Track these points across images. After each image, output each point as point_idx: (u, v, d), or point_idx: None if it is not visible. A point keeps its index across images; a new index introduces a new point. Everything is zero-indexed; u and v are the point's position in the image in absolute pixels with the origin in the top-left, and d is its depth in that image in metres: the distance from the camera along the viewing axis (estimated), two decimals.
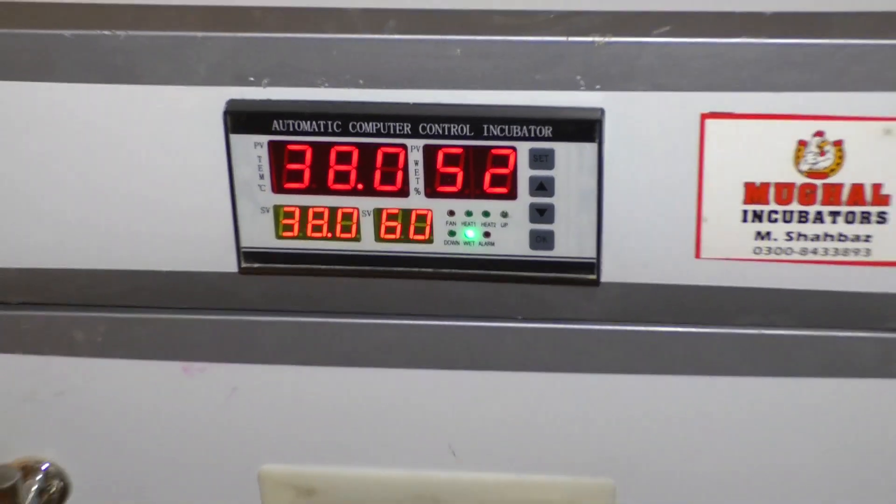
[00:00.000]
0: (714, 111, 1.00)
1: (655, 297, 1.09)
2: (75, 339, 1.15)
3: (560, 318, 1.12)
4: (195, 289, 1.12)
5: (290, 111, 1.02)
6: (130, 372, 1.17)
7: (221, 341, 1.16)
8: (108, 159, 1.07)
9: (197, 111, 1.04)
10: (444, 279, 1.09)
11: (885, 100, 0.98)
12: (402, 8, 1.02)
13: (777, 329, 1.10)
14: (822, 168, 1.02)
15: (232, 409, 1.19)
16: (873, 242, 1.04)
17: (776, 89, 0.99)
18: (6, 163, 1.08)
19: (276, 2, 1.04)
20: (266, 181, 1.05)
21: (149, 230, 1.10)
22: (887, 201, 1.02)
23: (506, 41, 1.00)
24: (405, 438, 1.19)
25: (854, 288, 1.07)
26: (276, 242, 1.07)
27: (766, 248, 1.06)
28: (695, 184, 1.03)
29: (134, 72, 1.02)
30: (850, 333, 1.10)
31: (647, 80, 0.99)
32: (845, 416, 1.14)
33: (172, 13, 1.03)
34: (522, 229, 1.05)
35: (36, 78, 1.03)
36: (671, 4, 1.01)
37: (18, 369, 1.18)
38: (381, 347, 1.15)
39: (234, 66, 1.02)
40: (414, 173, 1.04)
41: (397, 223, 1.06)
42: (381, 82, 1.02)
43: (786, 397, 1.14)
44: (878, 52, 0.97)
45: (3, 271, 1.13)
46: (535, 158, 1.02)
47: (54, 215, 1.10)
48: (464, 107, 1.02)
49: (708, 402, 1.15)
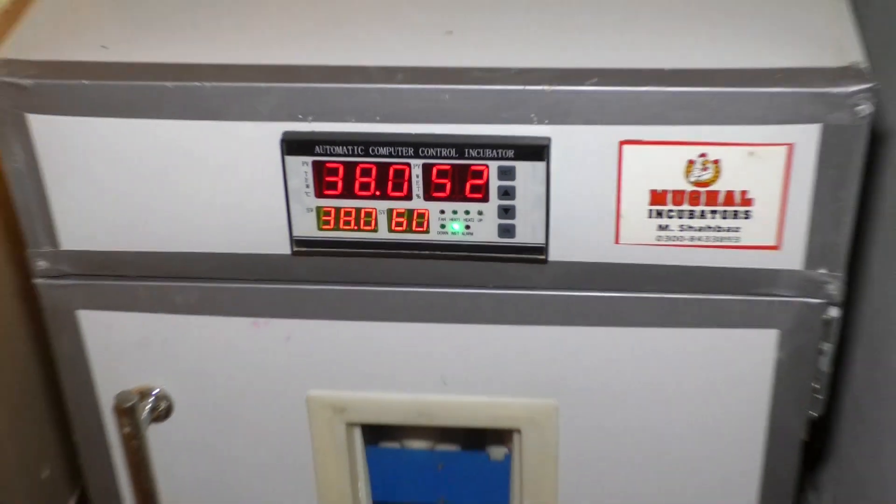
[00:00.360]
0: (629, 139, 1.01)
1: (586, 271, 1.10)
2: (176, 302, 1.16)
3: (519, 286, 1.12)
4: (261, 266, 1.13)
5: (327, 140, 1.03)
6: (215, 325, 1.17)
7: (279, 303, 1.15)
8: (202, 174, 1.08)
9: (262, 140, 1.04)
10: (438, 259, 1.10)
11: (750, 131, 1.00)
12: (407, 66, 1.03)
13: (672, 294, 1.11)
14: (705, 179, 1.03)
15: (287, 352, 1.18)
16: (741, 232, 1.05)
17: (672, 123, 1.00)
18: (130, 177, 1.08)
19: (318, 60, 1.05)
20: (310, 189, 1.06)
21: (229, 224, 1.10)
22: (751, 203, 1.04)
23: (481, 89, 1.01)
24: (409, 371, 1.19)
25: (727, 264, 1.08)
26: (318, 233, 1.08)
27: (665, 236, 1.06)
28: (614, 190, 1.04)
29: (218, 112, 1.03)
30: (724, 297, 1.10)
31: (581, 117, 1.01)
32: (719, 354, 1.14)
33: (244, 70, 1.04)
34: (493, 223, 1.06)
35: (149, 116, 1.04)
36: (598, 62, 1.02)
37: (136, 324, 1.18)
38: (392, 307, 1.15)
39: (288, 108, 1.03)
40: (416, 184, 1.04)
41: (404, 219, 1.07)
42: (392, 118, 1.02)
43: (677, 341, 1.14)
44: (743, 97, 0.99)
45: (126, 253, 1.13)
46: (502, 173, 1.03)
47: (164, 214, 1.10)
48: (451, 136, 1.03)
49: (623, 346, 1.15)
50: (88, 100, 1.04)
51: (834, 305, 1.09)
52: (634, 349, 1.15)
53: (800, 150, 1.01)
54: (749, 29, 1.07)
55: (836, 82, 0.98)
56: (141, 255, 1.13)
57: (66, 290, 1.16)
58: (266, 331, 1.17)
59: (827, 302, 1.09)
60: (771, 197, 1.03)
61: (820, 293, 1.09)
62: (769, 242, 1.06)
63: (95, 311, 1.18)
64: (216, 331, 1.18)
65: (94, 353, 1.20)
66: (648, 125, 1.01)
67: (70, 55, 1.07)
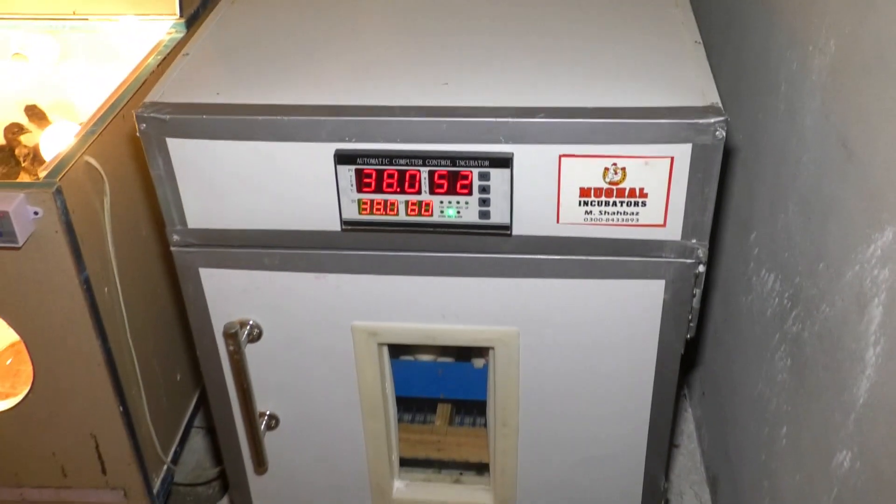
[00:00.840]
0: (566, 153, 1.02)
1: (537, 241, 1.09)
2: (265, 262, 1.15)
3: (493, 252, 1.11)
4: (321, 238, 1.12)
5: (364, 154, 1.04)
6: (291, 278, 1.16)
7: (333, 263, 1.15)
8: (282, 178, 1.08)
9: (322, 154, 1.05)
10: (438, 234, 1.10)
11: (646, 148, 1.00)
12: (418, 105, 1.03)
13: (595, 256, 1.10)
14: (616, 180, 1.03)
15: (339, 295, 1.18)
16: (640, 215, 1.06)
17: (594, 143, 1.01)
18: (235, 180, 1.08)
19: (359, 102, 1.05)
20: (354, 187, 1.06)
21: (299, 210, 1.10)
22: (646, 196, 1.04)
23: (467, 121, 1.02)
24: (420, 308, 1.18)
25: (631, 237, 1.08)
26: (359, 216, 1.08)
27: (590, 217, 1.06)
28: (556, 188, 1.05)
29: (292, 136, 1.04)
30: (629, 258, 1.10)
31: (533, 139, 1.01)
32: (626, 297, 1.14)
33: (310, 108, 1.04)
34: (475, 210, 1.06)
35: (247, 139, 1.05)
36: (544, 102, 1.02)
37: (238, 277, 1.17)
38: (409, 265, 1.14)
39: (339, 133, 1.03)
40: (424, 183, 1.05)
41: (416, 207, 1.07)
42: (408, 140, 1.03)
43: (598, 289, 1.13)
44: (641, 126, 0.99)
45: (232, 230, 1.13)
46: (481, 176, 1.04)
47: (257, 204, 1.10)
48: (447, 151, 1.03)
49: (562, 291, 1.14)
50: (207, 128, 1.05)
51: (701, 264, 1.10)
52: (570, 293, 1.15)
53: (678, 161, 1.02)
54: (644, 79, 1.08)
55: (702, 116, 0.99)
56: (242, 231, 1.13)
57: (191, 255, 1.16)
58: (324, 282, 1.17)
59: (696, 261, 1.10)
60: (660, 192, 1.04)
61: (692, 256, 1.09)
62: (658, 222, 1.07)
63: (211, 269, 1.17)
64: (291, 282, 1.17)
65: (209, 296, 1.20)
66: (578, 144, 1.02)
67: (194, 99, 1.08)
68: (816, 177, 1.09)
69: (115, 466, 1.45)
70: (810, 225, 1.11)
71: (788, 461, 1.18)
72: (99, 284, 1.30)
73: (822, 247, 1.06)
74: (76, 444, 1.42)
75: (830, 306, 1.02)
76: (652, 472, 1.31)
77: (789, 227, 1.19)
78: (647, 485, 1.33)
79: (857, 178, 0.95)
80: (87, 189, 1.27)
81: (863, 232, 0.93)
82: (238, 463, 1.38)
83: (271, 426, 1.33)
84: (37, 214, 1.18)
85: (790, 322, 1.18)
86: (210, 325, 1.23)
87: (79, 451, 1.43)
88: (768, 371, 1.28)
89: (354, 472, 1.38)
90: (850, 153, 0.97)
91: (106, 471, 1.46)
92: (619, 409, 1.25)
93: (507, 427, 1.29)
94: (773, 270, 1.26)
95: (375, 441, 1.33)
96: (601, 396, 1.25)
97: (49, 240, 1.20)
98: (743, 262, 1.44)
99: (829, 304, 1.03)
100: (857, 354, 0.93)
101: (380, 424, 1.32)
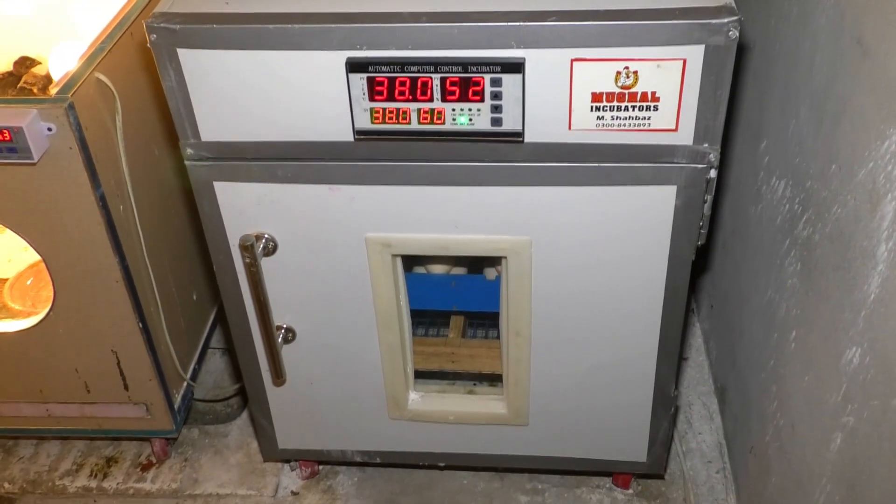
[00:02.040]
0: (577, 57, 1.01)
1: (549, 148, 1.09)
2: (279, 175, 1.15)
3: (505, 160, 1.11)
4: (334, 149, 1.12)
5: (376, 62, 1.03)
6: (305, 190, 1.16)
7: (346, 175, 1.15)
8: (294, 88, 1.07)
9: (333, 63, 1.04)
10: (451, 142, 1.09)
11: (658, 50, 1.00)
12: (429, 11, 1.02)
13: (607, 163, 1.10)
14: (628, 84, 1.03)
15: (353, 207, 1.18)
16: (651, 120, 1.05)
17: (606, 46, 1.00)
18: (246, 91, 1.07)
19: (369, 9, 1.03)
20: (366, 95, 1.05)
21: (312, 121, 1.10)
22: (658, 100, 1.04)
23: (478, 26, 1.01)
24: (433, 218, 1.19)
25: (642, 142, 1.07)
26: (371, 126, 1.07)
27: (602, 123, 1.06)
28: (567, 93, 1.04)
29: (303, 44, 1.03)
30: (640, 164, 1.10)
31: (545, 43, 1.01)
32: (638, 203, 1.13)
33: (321, 16, 1.03)
34: (487, 117, 1.06)
35: (258, 48, 1.04)
36: (555, 6, 1.01)
37: (252, 190, 1.17)
38: (422, 175, 1.14)
39: (350, 41, 1.02)
40: (436, 91, 1.04)
41: (428, 115, 1.06)
42: (419, 47, 1.02)
43: (611, 195, 1.13)
44: (654, 27, 0.98)
45: (245, 143, 1.12)
46: (493, 82, 1.03)
47: (269, 116, 1.10)
48: (459, 58, 1.02)
49: (575, 199, 1.14)
50: (217, 38, 1.04)
51: (713, 168, 1.10)
52: (581, 201, 1.15)
53: (691, 63, 1.01)
54: None
55: (715, 16, 0.98)
56: (256, 143, 1.13)
57: (205, 168, 1.16)
58: (338, 193, 1.17)
59: (708, 166, 1.09)
60: (672, 95, 1.04)
61: (704, 160, 1.09)
62: (670, 127, 1.06)
63: (225, 182, 1.18)
64: (305, 194, 1.18)
65: (225, 210, 1.20)
66: (590, 48, 1.01)
67: (203, 9, 1.07)
68: (830, 78, 1.08)
69: (136, 382, 1.48)
70: (822, 127, 1.10)
71: (797, 364, 1.19)
72: (114, 202, 1.30)
73: (835, 148, 1.06)
74: (98, 360, 1.44)
75: (842, 207, 1.02)
76: (663, 378, 1.33)
77: (801, 132, 1.19)
78: (658, 391, 1.35)
79: (872, 74, 0.94)
80: (100, 106, 1.27)
81: (876, 129, 0.92)
82: (256, 376, 1.41)
83: (288, 339, 1.34)
84: (50, 131, 1.17)
85: (800, 227, 1.18)
86: (226, 240, 1.23)
87: (101, 368, 1.45)
88: (778, 278, 1.28)
89: (370, 385, 1.40)
90: (865, 50, 0.96)
91: (128, 386, 1.48)
92: (631, 316, 1.26)
93: (520, 337, 1.31)
94: (784, 177, 1.26)
95: (391, 353, 1.35)
96: (613, 304, 1.26)
97: (64, 156, 1.20)
98: (752, 172, 1.43)
99: (840, 204, 1.03)
100: (869, 252, 0.94)
101: (395, 337, 1.33)
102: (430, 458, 1.51)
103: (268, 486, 1.62)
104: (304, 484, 1.62)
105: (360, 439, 1.49)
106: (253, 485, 1.62)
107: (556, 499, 1.57)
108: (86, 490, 1.63)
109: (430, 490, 1.60)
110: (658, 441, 1.42)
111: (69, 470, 1.67)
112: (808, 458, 1.13)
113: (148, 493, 1.62)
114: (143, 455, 1.69)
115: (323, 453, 1.52)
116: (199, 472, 1.65)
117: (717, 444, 1.65)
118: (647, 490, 1.58)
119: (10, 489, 1.64)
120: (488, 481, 1.61)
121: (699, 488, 1.57)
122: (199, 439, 1.71)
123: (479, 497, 1.58)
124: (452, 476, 1.62)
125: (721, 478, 1.58)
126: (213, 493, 1.61)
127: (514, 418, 1.41)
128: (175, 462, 1.67)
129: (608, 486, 1.59)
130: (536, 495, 1.58)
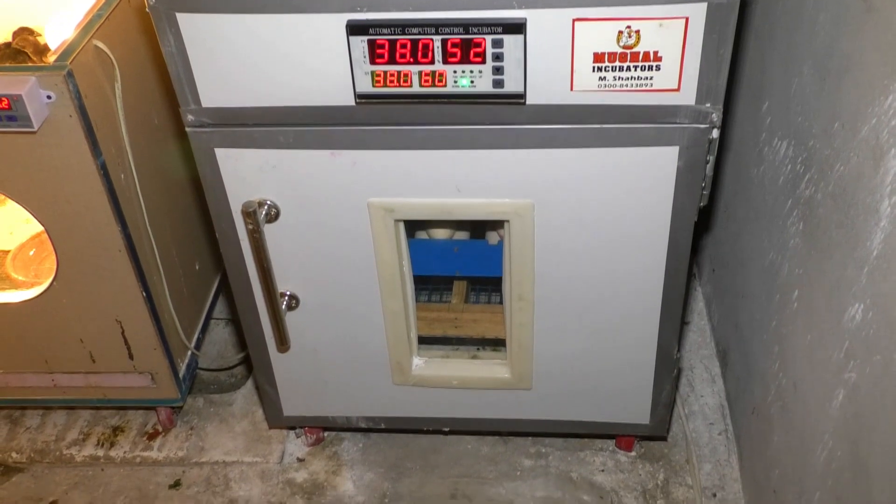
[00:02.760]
0: (579, 17, 1.01)
1: (551, 110, 1.09)
2: (280, 140, 1.15)
3: (507, 122, 1.11)
4: (335, 114, 1.11)
5: (377, 24, 1.02)
6: (306, 156, 1.16)
7: (348, 139, 1.15)
8: (295, 51, 1.06)
9: (333, 25, 1.03)
10: (452, 104, 1.09)
11: (660, 9, 0.99)
12: None
13: (609, 124, 1.10)
14: (630, 44, 1.02)
15: (354, 172, 1.18)
16: (654, 80, 1.05)
17: (608, 5, 0.99)
18: (247, 55, 1.07)
19: None
20: (367, 58, 1.05)
21: (313, 85, 1.09)
22: (660, 59, 1.03)
23: None
24: (435, 183, 1.19)
25: (645, 102, 1.07)
26: (373, 89, 1.07)
27: (604, 84, 1.06)
28: (569, 53, 1.03)
29: (303, 7, 1.02)
30: (643, 125, 1.10)
31: (546, 3, 1.00)
32: (640, 164, 1.13)
33: None
34: (489, 78, 1.05)
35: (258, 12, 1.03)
36: None
37: (255, 157, 1.17)
38: (424, 139, 1.14)
39: (351, 3, 1.02)
40: (437, 53, 1.03)
41: (430, 77, 1.05)
42: (420, 8, 1.01)
43: (613, 157, 1.13)
44: None
45: (246, 108, 1.12)
46: (494, 43, 1.02)
47: (271, 80, 1.09)
48: (460, 19, 1.02)
49: (577, 161, 1.14)
50: (217, 1, 1.03)
51: (715, 128, 1.09)
52: (584, 163, 1.15)
53: (693, 22, 1.00)
54: None
55: None
56: (256, 109, 1.13)
57: (207, 134, 1.16)
58: (339, 158, 1.17)
59: (710, 126, 1.09)
60: (674, 55, 1.03)
61: (706, 120, 1.09)
62: (672, 86, 1.06)
63: (227, 148, 1.17)
64: (307, 159, 1.17)
65: (226, 176, 1.20)
66: (592, 7, 1.00)
67: None
68: (833, 36, 1.07)
69: (141, 351, 1.48)
70: (825, 85, 1.10)
71: (800, 323, 1.19)
72: (115, 170, 1.30)
73: (838, 106, 1.05)
74: (102, 330, 1.45)
75: (845, 164, 1.02)
76: (665, 339, 1.33)
77: (804, 91, 1.18)
78: (661, 353, 1.35)
79: (876, 29, 0.94)
80: (99, 74, 1.26)
81: (880, 84, 0.92)
82: (260, 343, 1.41)
83: (292, 306, 1.35)
84: (50, 98, 1.17)
85: (803, 186, 1.18)
86: (228, 207, 1.23)
87: (105, 337, 1.46)
88: (780, 238, 1.28)
89: (374, 350, 1.41)
90: (869, 5, 0.96)
91: (133, 356, 1.49)
92: (634, 279, 1.27)
93: (523, 301, 1.31)
94: (786, 137, 1.26)
95: (394, 319, 1.36)
96: (616, 266, 1.26)
97: (64, 124, 1.19)
98: (754, 134, 1.43)
99: (843, 162, 1.03)
100: (872, 207, 0.94)
101: (398, 302, 1.33)
102: (435, 424, 1.52)
103: (273, 453, 1.63)
104: (310, 450, 1.63)
105: (365, 405, 1.50)
106: (259, 452, 1.63)
107: (560, 462, 1.58)
108: (93, 459, 1.65)
109: (435, 455, 1.61)
110: (661, 403, 1.43)
111: (76, 439, 1.68)
112: (811, 416, 1.14)
113: (155, 461, 1.63)
114: (149, 424, 1.70)
115: (328, 420, 1.53)
116: (205, 441, 1.66)
117: (720, 406, 1.65)
118: (650, 452, 1.59)
119: (18, 459, 1.65)
120: (492, 445, 1.62)
121: (702, 450, 1.58)
122: (205, 408, 1.72)
123: (484, 461, 1.59)
124: (457, 441, 1.63)
125: (723, 439, 1.59)
126: (220, 460, 1.62)
127: (517, 382, 1.42)
128: (181, 431, 1.68)
129: (611, 449, 1.60)
130: (540, 458, 1.59)
